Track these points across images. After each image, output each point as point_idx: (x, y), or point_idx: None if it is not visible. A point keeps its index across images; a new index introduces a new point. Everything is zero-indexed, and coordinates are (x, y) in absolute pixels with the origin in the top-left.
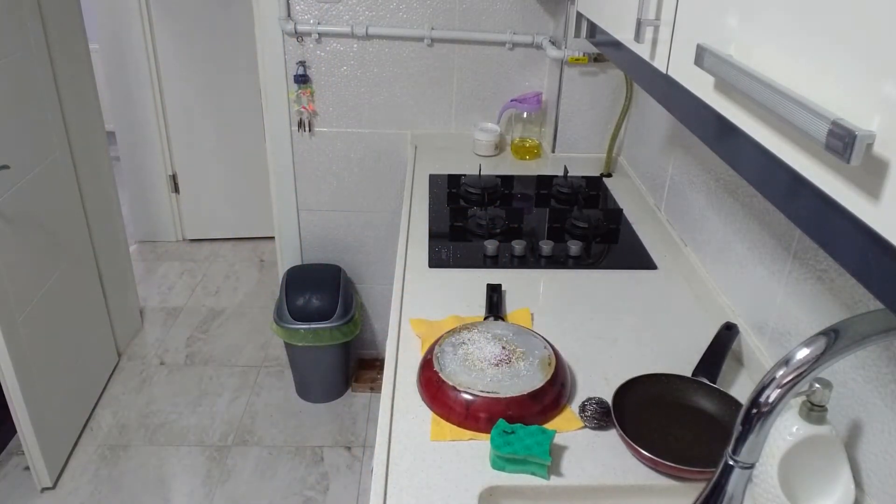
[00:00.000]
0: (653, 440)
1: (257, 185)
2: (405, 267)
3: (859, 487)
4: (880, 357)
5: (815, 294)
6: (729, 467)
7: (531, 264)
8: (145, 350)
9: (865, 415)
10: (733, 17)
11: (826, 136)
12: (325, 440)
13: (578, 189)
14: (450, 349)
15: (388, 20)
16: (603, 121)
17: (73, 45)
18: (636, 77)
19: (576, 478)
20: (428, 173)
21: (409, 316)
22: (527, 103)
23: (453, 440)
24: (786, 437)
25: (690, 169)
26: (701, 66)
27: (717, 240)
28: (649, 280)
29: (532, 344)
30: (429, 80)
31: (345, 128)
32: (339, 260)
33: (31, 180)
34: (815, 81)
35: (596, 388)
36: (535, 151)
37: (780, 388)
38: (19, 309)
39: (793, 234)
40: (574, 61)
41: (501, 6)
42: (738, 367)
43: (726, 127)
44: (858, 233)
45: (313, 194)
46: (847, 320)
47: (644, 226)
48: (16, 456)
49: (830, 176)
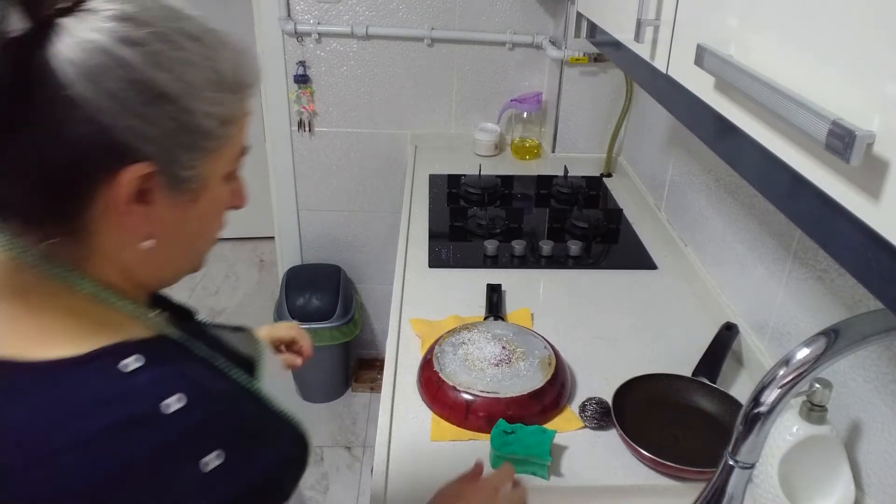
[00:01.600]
0: (653, 440)
1: (257, 185)
2: (405, 267)
3: (859, 487)
4: (880, 357)
5: (815, 294)
6: (729, 467)
7: (531, 264)
8: None
9: (865, 415)
10: (733, 17)
11: (826, 136)
12: (324, 440)
13: (578, 189)
14: (450, 349)
15: (388, 20)
16: (603, 121)
17: None
18: (636, 77)
19: (576, 478)
20: (428, 173)
21: (409, 316)
22: (527, 103)
23: (453, 440)
24: (786, 437)
25: (690, 169)
26: (701, 66)
27: (717, 240)
28: (649, 280)
29: (532, 344)
30: (429, 80)
31: (345, 128)
32: (339, 260)
33: None
34: (815, 81)
35: (596, 388)
36: (535, 151)
37: (780, 388)
38: None
39: (793, 234)
40: (574, 61)
41: (501, 6)
42: (738, 367)
43: (726, 127)
44: (858, 233)
45: (313, 194)
46: (847, 320)
47: (644, 226)
48: None
49: (830, 176)
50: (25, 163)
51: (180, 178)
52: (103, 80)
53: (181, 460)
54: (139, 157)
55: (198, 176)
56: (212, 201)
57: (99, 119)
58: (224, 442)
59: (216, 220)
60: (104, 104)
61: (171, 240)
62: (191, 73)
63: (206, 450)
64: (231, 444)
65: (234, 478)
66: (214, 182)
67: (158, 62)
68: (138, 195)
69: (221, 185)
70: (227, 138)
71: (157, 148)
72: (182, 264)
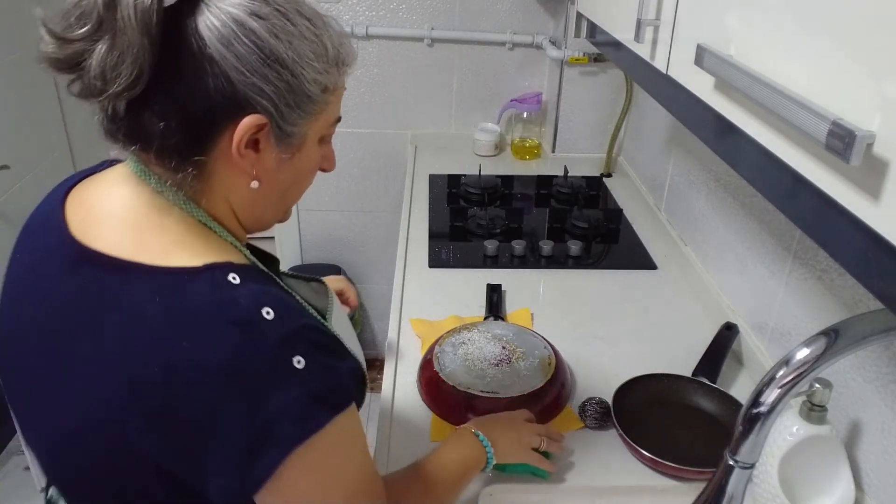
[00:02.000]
0: (653, 440)
1: None
2: (405, 267)
3: (859, 487)
4: (880, 357)
5: (815, 294)
6: (729, 467)
7: (531, 264)
8: None
9: (865, 415)
10: (733, 17)
11: (826, 136)
12: None
13: (578, 189)
14: (450, 349)
15: (388, 20)
16: (603, 121)
17: None
18: (636, 77)
19: (576, 478)
20: (428, 173)
21: (409, 316)
22: (527, 103)
23: None
24: (786, 437)
25: (690, 169)
26: (701, 66)
27: (717, 240)
28: (649, 280)
29: (532, 344)
30: (429, 80)
31: (344, 128)
32: (338, 260)
33: (31, 180)
34: (815, 81)
35: (596, 388)
36: (535, 151)
37: (780, 388)
38: None
39: (793, 234)
40: (574, 61)
41: (501, 6)
42: (738, 367)
43: (726, 127)
44: (858, 233)
45: (313, 194)
46: (847, 320)
47: (644, 226)
48: (16, 456)
49: (830, 176)
50: (172, 106)
51: (285, 133)
52: (235, 44)
53: (279, 357)
54: (256, 109)
55: (299, 133)
56: (306, 159)
57: (229, 75)
58: (305, 351)
59: (307, 177)
60: (234, 63)
61: (271, 187)
62: (302, 45)
63: (294, 352)
64: (311, 354)
65: (314, 380)
66: (311, 142)
67: (277, 34)
68: (251, 142)
69: (315, 147)
70: (326, 104)
71: (270, 104)
72: (275, 212)
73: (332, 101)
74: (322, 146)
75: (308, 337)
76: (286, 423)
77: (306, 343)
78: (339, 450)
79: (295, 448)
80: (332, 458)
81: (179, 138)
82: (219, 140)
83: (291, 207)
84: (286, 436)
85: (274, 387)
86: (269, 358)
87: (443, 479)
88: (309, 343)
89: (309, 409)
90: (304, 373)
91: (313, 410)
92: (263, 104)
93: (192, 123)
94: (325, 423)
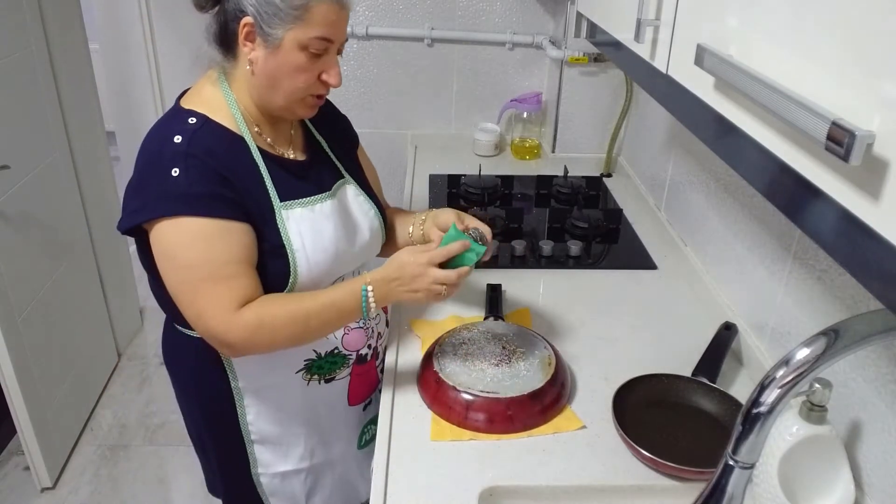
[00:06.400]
0: (653, 440)
1: None
2: None
3: (859, 487)
4: (880, 357)
5: (815, 294)
6: (729, 467)
7: (531, 264)
8: (145, 350)
9: (865, 415)
10: (733, 17)
11: (826, 135)
12: None
13: (578, 189)
14: (450, 349)
15: (388, 20)
16: (603, 121)
17: (73, 45)
18: (636, 77)
19: (576, 478)
20: (428, 173)
21: (409, 316)
22: (527, 103)
23: (453, 440)
24: (786, 437)
25: (690, 169)
26: (701, 66)
27: (717, 240)
28: (649, 280)
29: (532, 344)
30: (429, 80)
31: None
32: None
33: (31, 180)
34: (815, 81)
35: (596, 388)
36: (535, 151)
37: (780, 388)
38: (19, 309)
39: (793, 234)
40: (574, 61)
41: (501, 6)
42: (738, 367)
43: (726, 127)
44: (858, 233)
45: None
46: (847, 320)
47: (644, 226)
48: (16, 456)
49: (830, 176)
50: (218, 17)
51: (266, 33)
52: None
53: (166, 164)
54: (248, 14)
55: (277, 35)
56: (287, 58)
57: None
58: (184, 168)
59: (293, 75)
60: None
61: (261, 74)
62: None
63: (174, 165)
64: (187, 171)
65: (179, 186)
66: (289, 44)
67: None
68: (247, 35)
69: (295, 51)
70: (299, 18)
71: (254, 9)
72: (270, 97)
73: (306, 18)
74: (309, 57)
75: (190, 162)
76: (150, 201)
77: (186, 163)
78: (179, 241)
79: (150, 219)
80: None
81: (222, 38)
82: (237, 37)
83: (292, 104)
84: (147, 209)
85: (154, 178)
86: (161, 161)
87: (308, 306)
88: (189, 165)
89: (164, 202)
90: (176, 179)
91: (168, 203)
92: (251, 10)
93: (224, 25)
94: (168, 216)
